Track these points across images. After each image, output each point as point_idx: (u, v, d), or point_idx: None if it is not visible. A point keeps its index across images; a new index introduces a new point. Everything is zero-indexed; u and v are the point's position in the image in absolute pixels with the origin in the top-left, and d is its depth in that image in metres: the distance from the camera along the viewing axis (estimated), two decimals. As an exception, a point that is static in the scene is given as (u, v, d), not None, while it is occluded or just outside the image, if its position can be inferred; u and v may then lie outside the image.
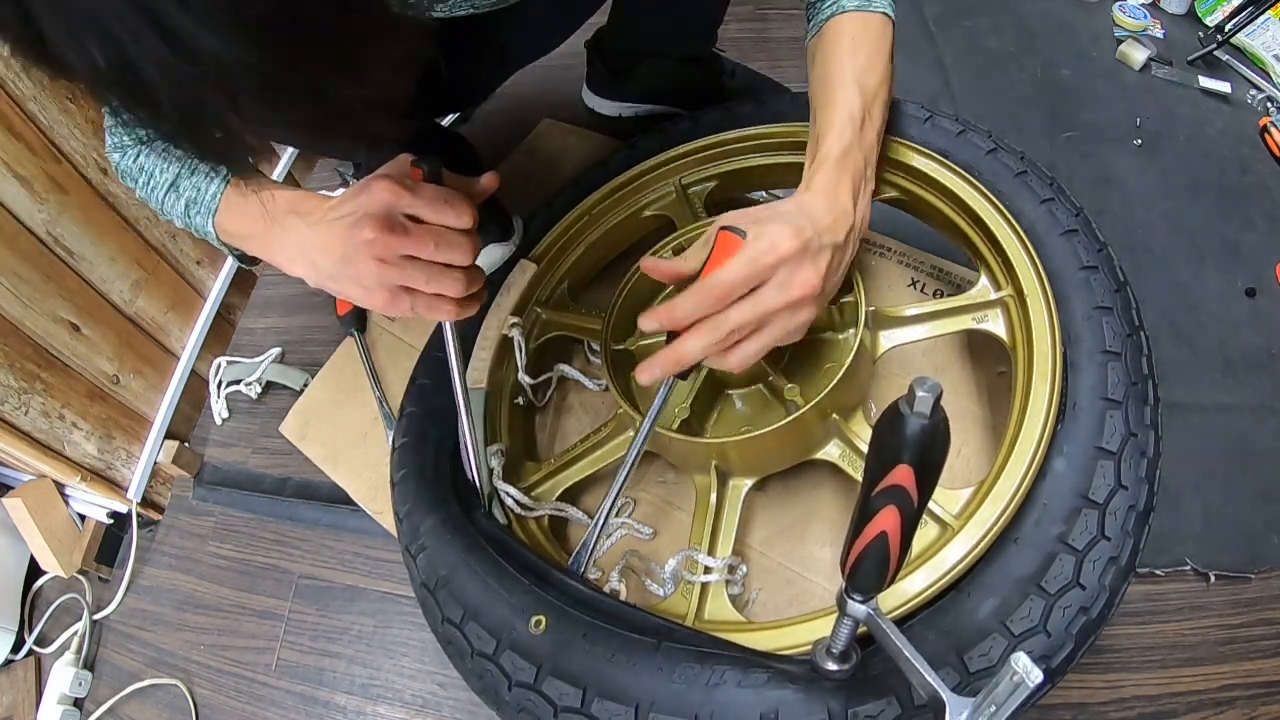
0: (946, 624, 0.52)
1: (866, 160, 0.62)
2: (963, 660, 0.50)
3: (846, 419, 0.66)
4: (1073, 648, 0.50)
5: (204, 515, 1.00)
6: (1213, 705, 0.69)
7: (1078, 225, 0.66)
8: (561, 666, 0.54)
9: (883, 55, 0.65)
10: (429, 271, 0.53)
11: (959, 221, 0.73)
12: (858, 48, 0.65)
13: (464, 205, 0.54)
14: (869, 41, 0.65)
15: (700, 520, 0.67)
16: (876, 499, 0.36)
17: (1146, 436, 0.56)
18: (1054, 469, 0.56)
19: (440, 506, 0.68)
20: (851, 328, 0.70)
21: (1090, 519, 0.53)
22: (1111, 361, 0.59)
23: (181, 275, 1.08)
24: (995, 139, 0.73)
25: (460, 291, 0.55)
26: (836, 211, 0.58)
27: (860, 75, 0.63)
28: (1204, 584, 0.75)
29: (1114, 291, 0.62)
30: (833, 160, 0.60)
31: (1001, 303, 0.68)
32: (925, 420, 0.33)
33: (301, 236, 0.56)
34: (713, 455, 0.67)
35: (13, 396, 0.83)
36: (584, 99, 1.21)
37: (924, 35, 1.29)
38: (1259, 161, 1.09)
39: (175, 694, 0.87)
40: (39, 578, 0.98)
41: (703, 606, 0.63)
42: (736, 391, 0.73)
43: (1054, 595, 0.51)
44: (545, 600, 0.58)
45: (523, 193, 1.08)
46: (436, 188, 0.54)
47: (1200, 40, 1.24)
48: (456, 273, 0.55)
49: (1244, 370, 0.89)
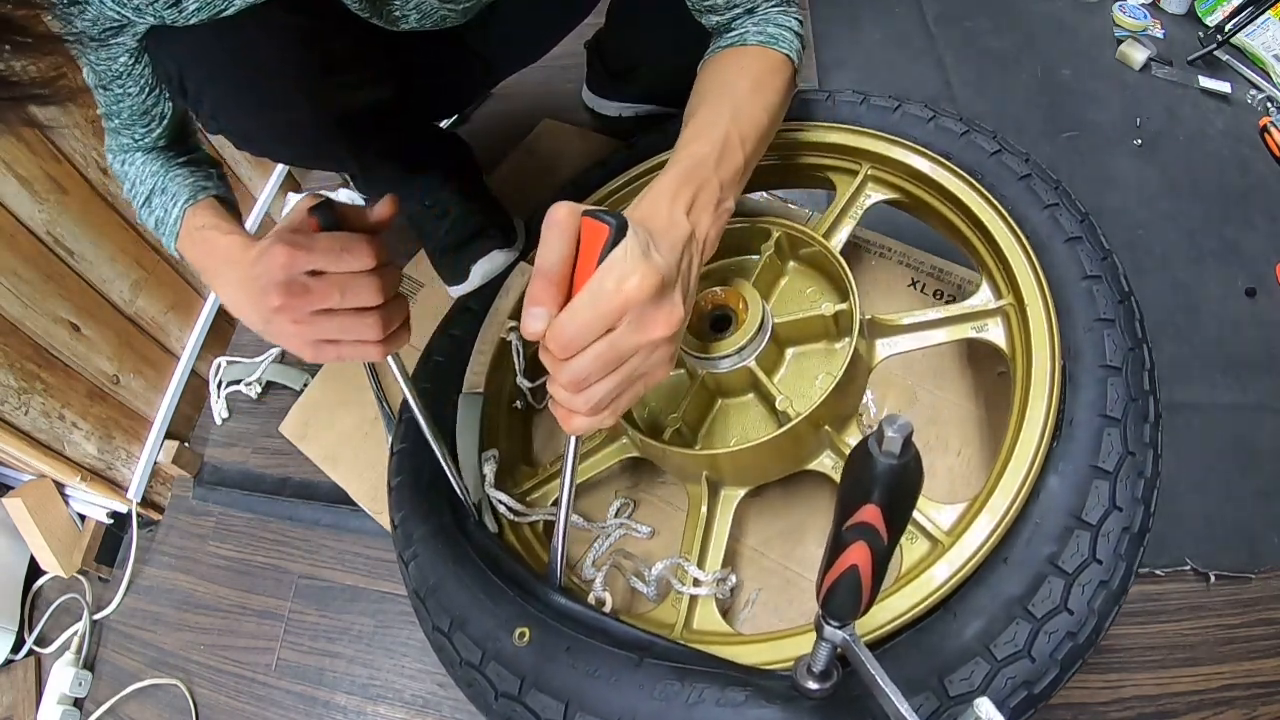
0: (930, 644, 0.51)
1: (722, 185, 0.56)
2: (943, 684, 0.49)
3: (840, 430, 0.65)
4: (1057, 674, 0.49)
5: (204, 515, 1.00)
6: (1213, 705, 0.69)
7: (1082, 232, 0.64)
8: (544, 680, 0.55)
9: (771, 89, 0.62)
10: (343, 322, 0.52)
11: (961, 226, 0.71)
12: (743, 75, 0.62)
13: (362, 247, 0.51)
14: (758, 73, 0.63)
15: (691, 530, 0.66)
16: (847, 533, 0.35)
17: (1145, 456, 0.54)
18: (1048, 487, 0.54)
19: (433, 515, 0.68)
20: (846, 337, 0.68)
21: (1082, 541, 0.51)
22: (1112, 377, 0.57)
23: (181, 275, 1.08)
24: (1000, 140, 0.72)
25: (379, 334, 0.53)
26: (667, 220, 0.51)
27: (739, 101, 0.60)
28: (1204, 584, 0.75)
29: (1117, 303, 0.60)
30: (676, 171, 0.55)
31: (1002, 311, 0.66)
32: (894, 460, 0.32)
33: (233, 289, 0.57)
34: (704, 466, 0.66)
35: (13, 396, 0.83)
36: (584, 99, 1.21)
37: (924, 35, 1.29)
38: (1259, 161, 1.09)
39: (175, 694, 0.87)
40: (39, 578, 0.98)
41: (691, 617, 0.62)
42: (729, 401, 0.72)
43: (1040, 620, 0.50)
44: (529, 613, 0.58)
45: (523, 193, 1.08)
46: (331, 236, 0.51)
47: (1200, 40, 1.24)
48: (370, 316, 0.52)
49: (1244, 370, 0.89)
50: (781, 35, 0.64)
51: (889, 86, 1.21)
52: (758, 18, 0.65)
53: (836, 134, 0.78)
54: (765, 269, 0.73)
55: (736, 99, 0.60)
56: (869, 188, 0.78)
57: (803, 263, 0.77)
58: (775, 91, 0.63)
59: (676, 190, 0.53)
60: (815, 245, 0.72)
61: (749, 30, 0.65)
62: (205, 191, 0.66)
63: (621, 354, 0.47)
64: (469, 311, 0.86)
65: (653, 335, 0.47)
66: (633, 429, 0.68)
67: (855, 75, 1.23)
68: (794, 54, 0.65)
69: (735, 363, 0.67)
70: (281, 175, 1.28)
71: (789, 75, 0.65)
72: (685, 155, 0.56)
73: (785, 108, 0.66)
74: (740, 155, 0.58)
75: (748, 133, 0.59)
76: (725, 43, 0.65)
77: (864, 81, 1.22)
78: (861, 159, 0.77)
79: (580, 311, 0.45)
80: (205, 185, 0.67)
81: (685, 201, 0.53)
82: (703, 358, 0.67)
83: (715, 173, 0.55)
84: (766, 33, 0.64)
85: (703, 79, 0.64)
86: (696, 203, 0.54)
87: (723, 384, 0.69)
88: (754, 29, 0.65)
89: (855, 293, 0.66)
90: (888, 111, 0.76)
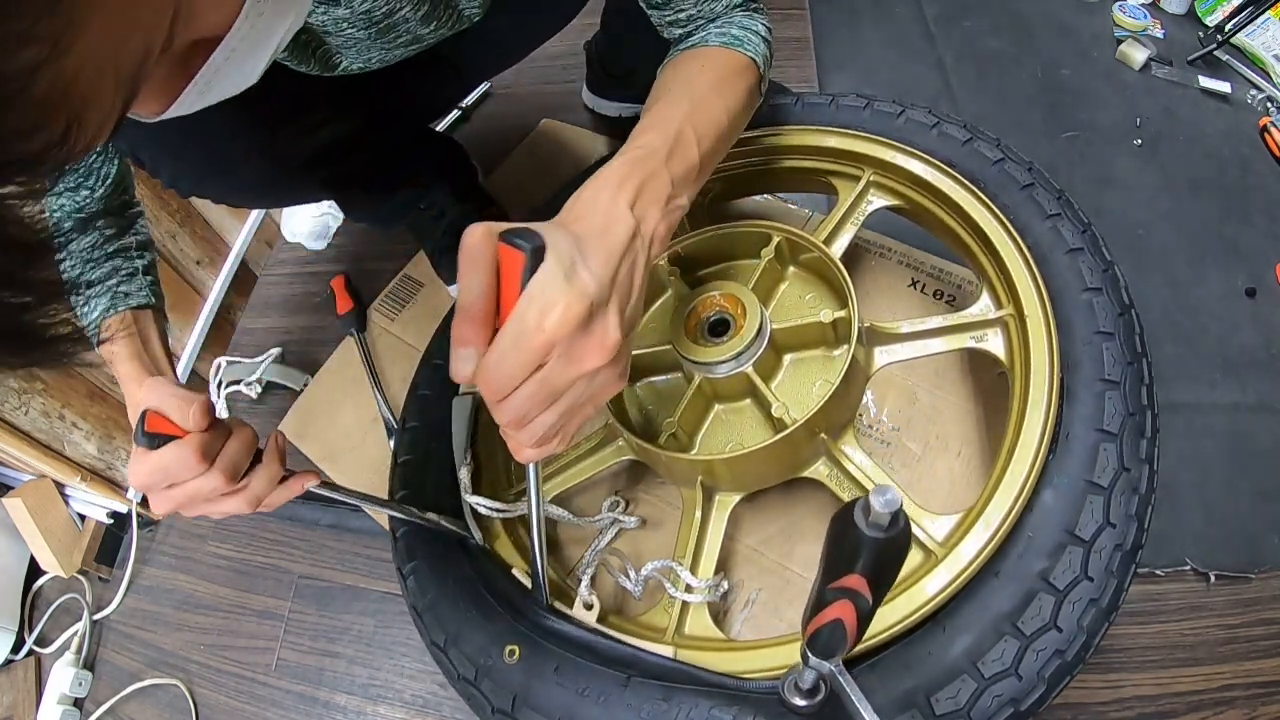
0: (917, 659, 0.51)
1: (673, 180, 0.52)
2: (930, 703, 0.49)
3: (836, 438, 0.64)
4: (1044, 691, 0.49)
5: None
6: (1213, 705, 0.69)
7: (1084, 244, 0.64)
8: (534, 698, 0.56)
9: (732, 91, 0.60)
10: (216, 506, 0.51)
11: (962, 234, 0.71)
12: (703, 73, 0.59)
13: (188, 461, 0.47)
14: (719, 72, 0.60)
15: (685, 534, 0.66)
16: (830, 592, 0.35)
17: (1140, 472, 0.54)
18: (1042, 501, 0.54)
19: (435, 534, 0.68)
20: (845, 344, 0.67)
21: (1074, 557, 0.51)
22: (1109, 391, 0.56)
23: (181, 275, 1.08)
24: (1004, 148, 0.71)
25: (246, 506, 0.51)
26: (607, 216, 0.47)
27: (697, 97, 0.57)
28: (1204, 584, 0.75)
29: (1117, 316, 0.60)
30: (624, 160, 0.51)
31: (1001, 321, 0.66)
32: (881, 534, 0.30)
33: None
34: (699, 471, 0.66)
35: (13, 396, 0.83)
36: (584, 99, 1.21)
37: (924, 35, 1.29)
38: (1259, 161, 1.09)
39: (175, 694, 0.87)
40: (39, 578, 0.97)
41: (683, 622, 0.62)
42: (726, 407, 0.71)
43: (1029, 637, 0.49)
44: (518, 630, 0.59)
45: (523, 192, 1.08)
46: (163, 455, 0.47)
47: (1200, 40, 1.24)
48: (228, 501, 0.51)
49: (1244, 370, 0.88)
50: (746, 38, 0.62)
51: (889, 87, 1.21)
52: (720, 22, 0.63)
53: (839, 139, 0.78)
54: (765, 274, 0.73)
55: (694, 95, 0.57)
56: (871, 193, 0.77)
57: (802, 268, 0.77)
58: (737, 94, 0.60)
59: (622, 180, 0.49)
60: (815, 251, 0.72)
61: (710, 33, 0.62)
62: (123, 301, 0.62)
63: (556, 389, 0.44)
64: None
65: (586, 367, 0.44)
66: (628, 433, 0.67)
67: (855, 75, 1.23)
68: (759, 58, 0.62)
69: (733, 368, 0.66)
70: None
71: (753, 80, 0.62)
72: (635, 146, 0.53)
73: (749, 113, 0.64)
74: (694, 152, 0.55)
75: (705, 130, 0.56)
76: (686, 45, 0.63)
77: (863, 81, 1.22)
78: (864, 164, 0.77)
79: (504, 354, 0.42)
80: (124, 291, 0.63)
81: (630, 192, 0.49)
82: (700, 363, 0.66)
83: (666, 165, 0.52)
84: (730, 34, 0.62)
85: (662, 77, 0.62)
86: (643, 195, 0.50)
87: (720, 389, 0.69)
88: (716, 32, 0.62)
89: (854, 301, 0.65)
90: (891, 117, 0.76)
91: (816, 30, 1.31)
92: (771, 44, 0.65)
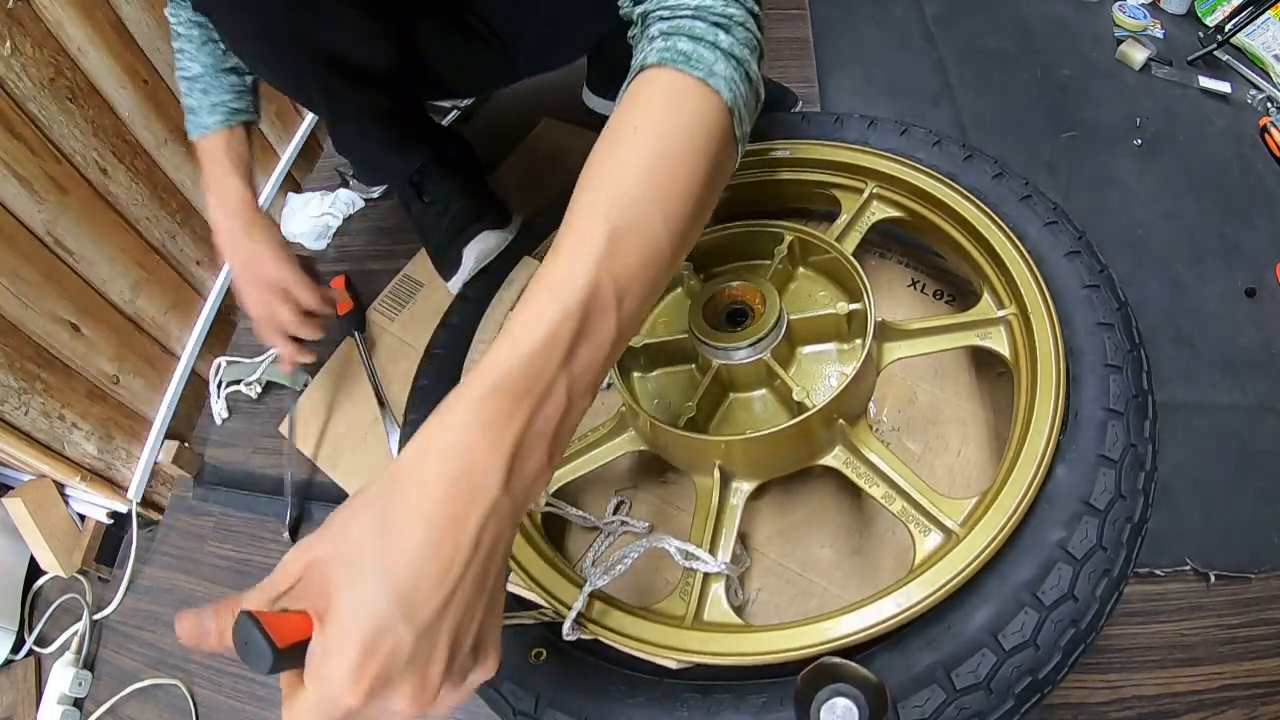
0: (937, 634, 0.53)
1: (572, 389, 0.37)
2: (950, 677, 0.51)
3: (852, 425, 0.66)
4: (1059, 660, 0.51)
5: (204, 515, 1.00)
6: (1213, 705, 0.69)
7: (1080, 247, 0.69)
8: (560, 699, 0.58)
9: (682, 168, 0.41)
10: None
11: (964, 242, 0.75)
12: (636, 153, 0.41)
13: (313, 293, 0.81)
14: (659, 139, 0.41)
15: (700, 522, 0.66)
16: None
17: (1145, 449, 0.58)
18: (1057, 475, 0.57)
19: None
20: (859, 337, 0.71)
21: (1090, 526, 0.54)
22: (1113, 374, 0.60)
23: (181, 275, 1.08)
24: (1001, 164, 0.76)
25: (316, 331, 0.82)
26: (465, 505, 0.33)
27: (621, 211, 0.39)
28: (1204, 584, 0.75)
29: (1115, 309, 0.64)
30: (500, 383, 0.35)
31: (1004, 321, 0.70)
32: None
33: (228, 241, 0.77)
34: (718, 454, 0.67)
35: (13, 396, 0.83)
36: (584, 99, 1.21)
37: (924, 35, 1.29)
38: (1259, 161, 1.09)
39: (175, 694, 0.87)
40: (39, 578, 0.97)
41: (701, 609, 0.62)
42: (740, 396, 0.73)
43: (1049, 608, 0.51)
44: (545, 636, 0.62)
45: (523, 192, 1.08)
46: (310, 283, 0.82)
47: (1200, 40, 1.24)
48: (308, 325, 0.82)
49: (1244, 370, 0.89)
50: (697, 53, 0.42)
51: (888, 87, 1.21)
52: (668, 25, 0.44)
53: (844, 153, 0.82)
54: (776, 273, 0.76)
55: (618, 207, 0.40)
56: (874, 206, 0.81)
57: (812, 269, 0.80)
58: (688, 174, 0.41)
59: (499, 429, 0.34)
60: (827, 250, 0.75)
61: (653, 47, 0.44)
62: (238, 116, 0.76)
63: None
64: (467, 300, 0.88)
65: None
66: (646, 414, 0.68)
67: (854, 75, 1.23)
68: (722, 85, 0.42)
69: (751, 354, 0.68)
70: (282, 176, 1.28)
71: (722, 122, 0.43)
72: (517, 347, 0.36)
73: (714, 188, 0.44)
74: (611, 320, 0.38)
75: (630, 278, 0.39)
76: (634, 70, 0.45)
77: (863, 82, 1.22)
78: (868, 178, 0.81)
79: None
80: (238, 109, 0.76)
81: (507, 448, 0.34)
82: (720, 347, 0.68)
83: (564, 371, 0.36)
84: (676, 49, 0.43)
85: (591, 157, 0.43)
86: (526, 440, 0.35)
87: (736, 377, 0.71)
88: (660, 44, 0.43)
89: (870, 294, 0.69)
90: (894, 134, 0.81)
91: (816, 30, 1.31)
92: (758, 48, 0.47)
